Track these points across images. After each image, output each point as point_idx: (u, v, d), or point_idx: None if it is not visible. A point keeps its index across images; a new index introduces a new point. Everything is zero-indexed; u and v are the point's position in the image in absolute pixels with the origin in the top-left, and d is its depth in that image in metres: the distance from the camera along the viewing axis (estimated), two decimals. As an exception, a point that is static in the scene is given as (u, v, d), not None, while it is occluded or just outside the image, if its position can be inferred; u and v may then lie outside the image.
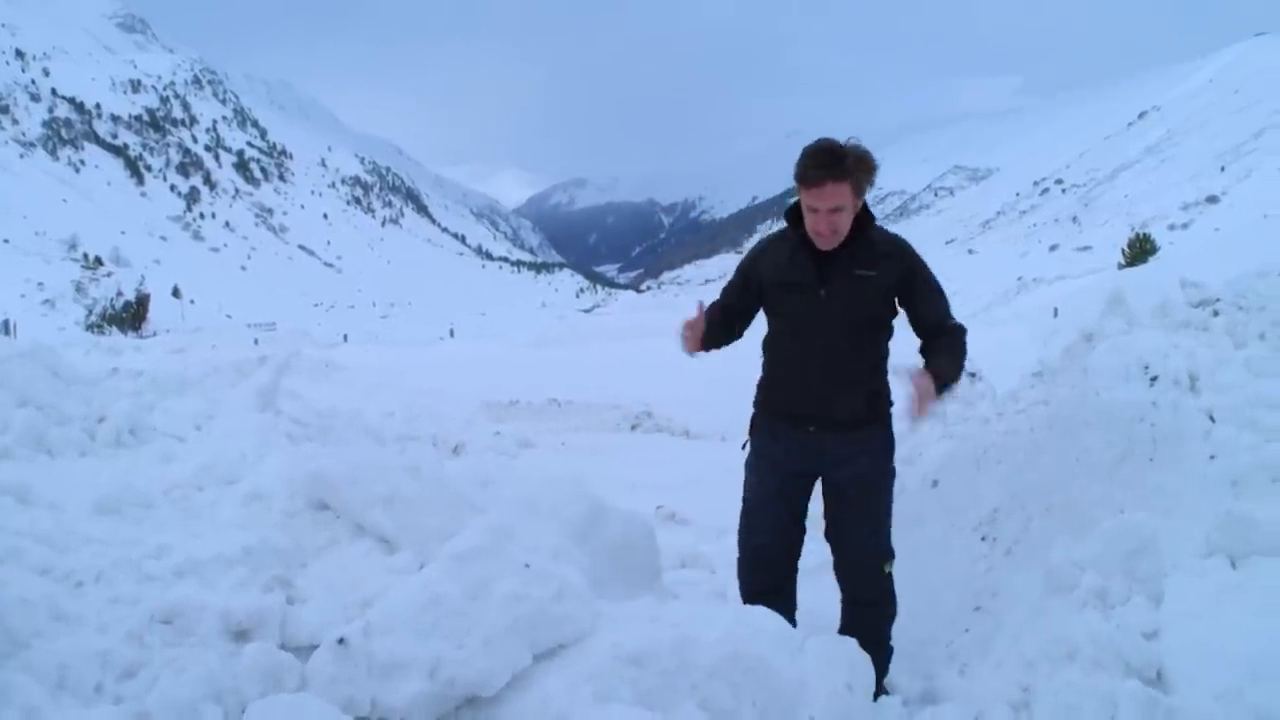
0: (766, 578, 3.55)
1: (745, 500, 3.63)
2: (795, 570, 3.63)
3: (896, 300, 3.40)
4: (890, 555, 3.51)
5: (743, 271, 3.58)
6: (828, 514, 3.54)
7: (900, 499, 5.20)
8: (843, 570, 3.54)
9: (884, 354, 3.50)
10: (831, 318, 3.32)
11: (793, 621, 3.33)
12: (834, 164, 3.08)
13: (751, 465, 3.64)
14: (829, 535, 3.55)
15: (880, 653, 3.43)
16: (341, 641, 1.95)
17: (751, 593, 3.52)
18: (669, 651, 2.01)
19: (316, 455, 3.08)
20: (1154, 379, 4.10)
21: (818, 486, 3.58)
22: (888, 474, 3.53)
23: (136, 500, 2.86)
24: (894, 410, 3.52)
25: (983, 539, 4.48)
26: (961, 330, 3.41)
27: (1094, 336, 5.19)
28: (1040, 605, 3.14)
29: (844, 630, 3.45)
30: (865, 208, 3.31)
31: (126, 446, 4.59)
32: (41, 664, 1.85)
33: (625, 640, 2.04)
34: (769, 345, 3.56)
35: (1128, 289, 5.57)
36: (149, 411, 5.15)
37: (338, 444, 6.41)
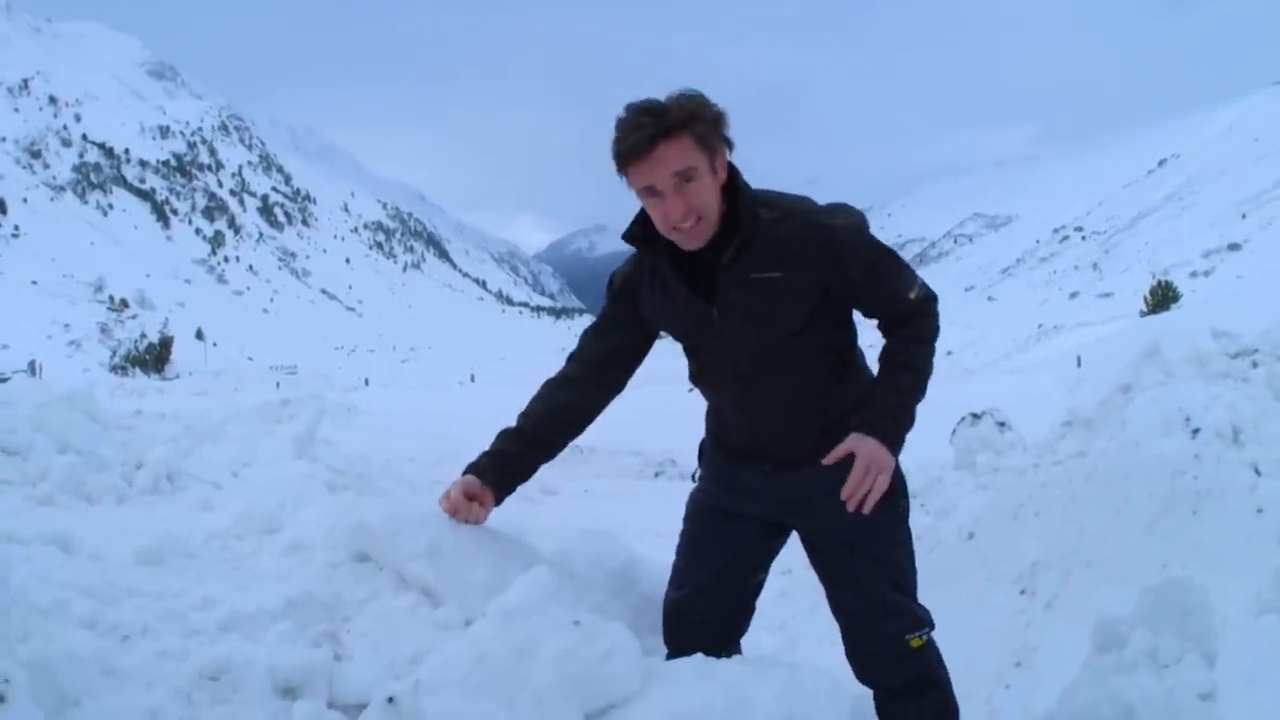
0: (681, 646, 2.53)
1: (679, 539, 2.78)
2: (731, 651, 2.64)
3: (830, 299, 2.39)
4: (918, 623, 2.48)
5: (617, 298, 2.64)
6: (822, 582, 2.63)
7: (935, 552, 5.15)
8: (853, 654, 2.57)
9: (843, 363, 2.51)
10: (736, 344, 2.41)
11: None
12: (660, 116, 2.19)
13: (693, 497, 2.78)
14: (832, 610, 2.63)
15: None
16: (391, 700, 1.93)
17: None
18: (722, 712, 1.98)
19: (356, 506, 3.07)
20: (1195, 431, 4.06)
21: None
22: (889, 515, 2.44)
23: (178, 550, 2.86)
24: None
25: (1021, 592, 4.42)
26: (924, 321, 2.41)
27: (1131, 388, 5.16)
28: (1088, 662, 3.07)
29: None
30: (738, 181, 2.36)
31: (164, 493, 4.61)
32: (91, 722, 1.84)
33: (677, 700, 2.01)
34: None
35: (1160, 338, 5.55)
36: (185, 458, 5.18)
37: (375, 493, 6.43)
